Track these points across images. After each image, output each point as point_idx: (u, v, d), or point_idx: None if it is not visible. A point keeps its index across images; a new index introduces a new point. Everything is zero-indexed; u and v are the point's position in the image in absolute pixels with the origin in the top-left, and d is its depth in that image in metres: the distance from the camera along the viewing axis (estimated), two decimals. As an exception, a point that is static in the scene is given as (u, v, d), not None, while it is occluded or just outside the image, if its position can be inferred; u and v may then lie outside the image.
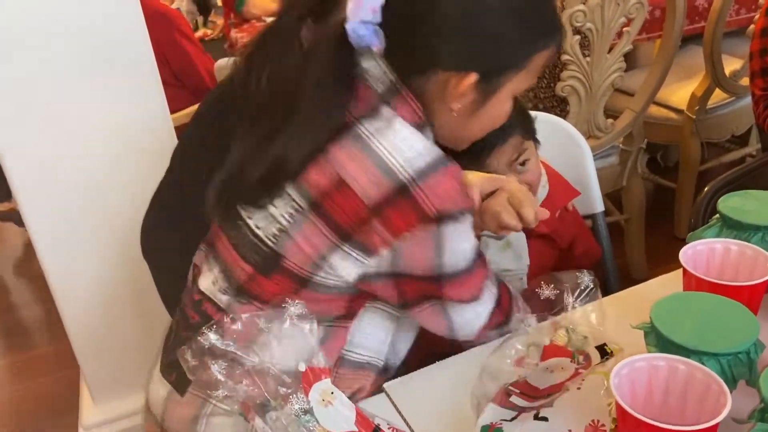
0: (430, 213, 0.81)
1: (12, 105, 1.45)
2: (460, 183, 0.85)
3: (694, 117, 2.28)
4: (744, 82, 2.25)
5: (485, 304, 0.93)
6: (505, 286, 0.98)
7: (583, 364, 0.84)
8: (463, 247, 0.87)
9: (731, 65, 2.23)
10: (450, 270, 0.87)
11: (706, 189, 1.27)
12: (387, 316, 0.96)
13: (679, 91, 2.35)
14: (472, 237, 0.88)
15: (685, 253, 0.89)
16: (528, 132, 1.14)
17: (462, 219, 0.84)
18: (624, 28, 1.90)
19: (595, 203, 1.38)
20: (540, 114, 1.24)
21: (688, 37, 2.26)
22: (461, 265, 0.87)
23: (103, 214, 1.59)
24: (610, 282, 1.37)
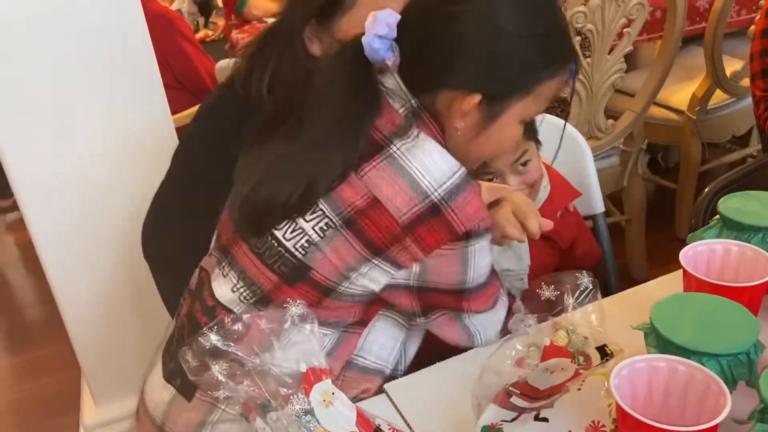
0: (459, 231, 0.84)
1: (13, 106, 1.45)
2: (483, 201, 0.88)
3: (695, 118, 2.28)
4: (745, 83, 2.25)
5: (498, 312, 0.96)
6: (512, 294, 1.00)
7: (583, 364, 0.84)
8: (485, 263, 0.90)
9: (732, 66, 2.23)
10: (472, 285, 0.90)
11: (706, 190, 1.27)
12: (397, 324, 0.98)
13: (680, 92, 2.35)
14: (491, 253, 0.91)
15: (686, 254, 0.89)
16: (530, 132, 1.15)
17: (486, 236, 0.88)
18: (624, 29, 1.90)
19: (596, 204, 1.38)
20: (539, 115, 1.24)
21: (688, 37, 2.26)
22: (481, 280, 0.91)
23: (104, 214, 1.60)
24: (610, 282, 1.37)
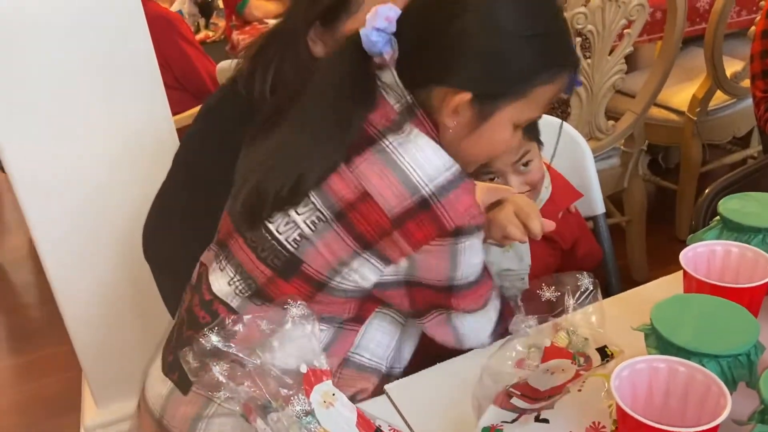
0: (449, 227, 0.83)
1: (13, 106, 1.45)
2: (476, 199, 0.87)
3: (695, 119, 2.28)
4: (745, 83, 2.25)
5: (489, 315, 0.95)
6: (508, 301, 0.99)
7: (583, 365, 0.84)
8: (476, 261, 0.90)
9: (732, 67, 2.23)
10: (461, 282, 0.89)
11: (707, 191, 1.27)
12: (394, 321, 0.98)
13: (680, 93, 2.35)
14: (482, 251, 0.91)
15: (686, 255, 0.89)
16: (531, 133, 1.15)
17: (477, 234, 0.87)
18: (625, 30, 1.90)
19: (597, 205, 1.38)
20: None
21: (689, 38, 2.26)
22: (471, 278, 0.90)
23: (104, 214, 1.60)
24: (611, 283, 1.37)
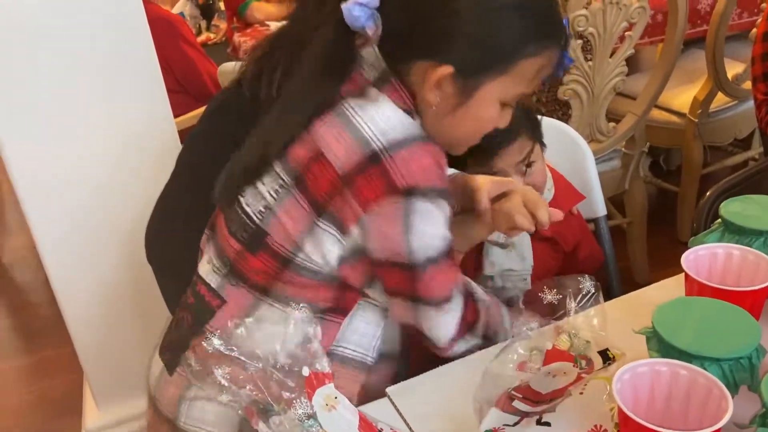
0: (399, 185, 0.80)
1: (14, 106, 1.45)
2: (440, 165, 0.83)
3: (697, 121, 2.28)
4: (746, 85, 2.25)
5: (452, 314, 0.92)
6: (473, 302, 0.96)
7: (585, 368, 0.83)
8: (433, 232, 0.85)
9: (733, 69, 2.23)
10: (419, 258, 0.85)
11: (708, 193, 1.27)
12: (377, 311, 0.95)
13: (682, 95, 2.35)
14: (446, 228, 0.86)
15: (687, 258, 0.89)
16: (535, 135, 1.15)
17: (434, 199, 0.82)
18: (626, 33, 1.91)
19: (598, 207, 1.38)
20: (542, 118, 1.25)
21: (690, 40, 2.27)
22: (430, 253, 0.85)
23: (104, 215, 1.60)
24: (612, 285, 1.37)
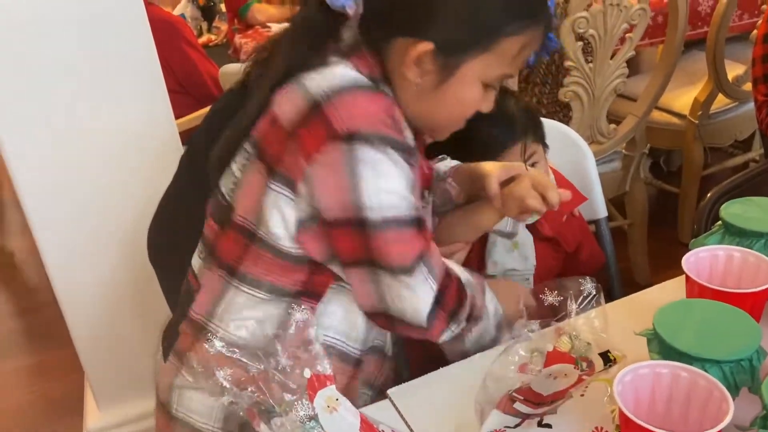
0: (339, 130, 0.77)
1: (14, 106, 1.45)
2: (390, 115, 0.81)
3: (697, 122, 2.29)
4: (747, 87, 2.25)
5: (420, 286, 0.84)
6: (457, 288, 0.89)
7: (586, 370, 0.84)
8: (388, 186, 0.80)
9: (734, 70, 2.23)
10: (374, 215, 0.80)
11: (708, 195, 1.27)
12: (351, 294, 0.91)
13: (682, 97, 2.35)
14: (405, 187, 0.82)
15: (688, 260, 0.89)
16: (537, 136, 1.16)
17: (382, 149, 0.79)
18: (626, 34, 1.91)
19: (599, 208, 1.38)
20: (543, 120, 1.25)
21: (690, 42, 2.27)
22: (386, 213, 0.80)
23: (105, 215, 1.60)
24: (613, 287, 1.37)
